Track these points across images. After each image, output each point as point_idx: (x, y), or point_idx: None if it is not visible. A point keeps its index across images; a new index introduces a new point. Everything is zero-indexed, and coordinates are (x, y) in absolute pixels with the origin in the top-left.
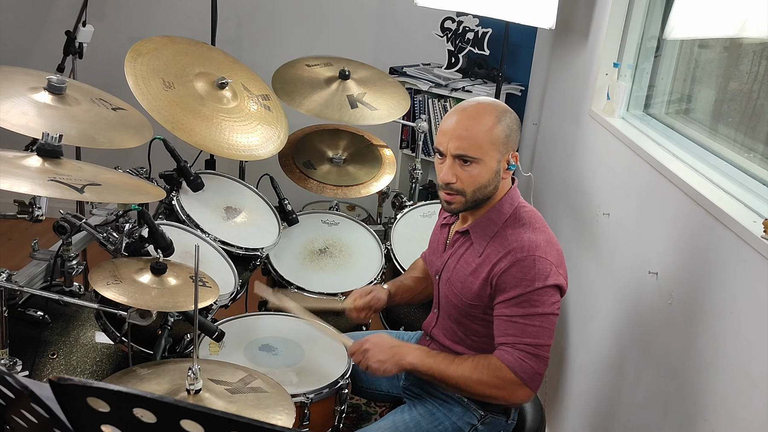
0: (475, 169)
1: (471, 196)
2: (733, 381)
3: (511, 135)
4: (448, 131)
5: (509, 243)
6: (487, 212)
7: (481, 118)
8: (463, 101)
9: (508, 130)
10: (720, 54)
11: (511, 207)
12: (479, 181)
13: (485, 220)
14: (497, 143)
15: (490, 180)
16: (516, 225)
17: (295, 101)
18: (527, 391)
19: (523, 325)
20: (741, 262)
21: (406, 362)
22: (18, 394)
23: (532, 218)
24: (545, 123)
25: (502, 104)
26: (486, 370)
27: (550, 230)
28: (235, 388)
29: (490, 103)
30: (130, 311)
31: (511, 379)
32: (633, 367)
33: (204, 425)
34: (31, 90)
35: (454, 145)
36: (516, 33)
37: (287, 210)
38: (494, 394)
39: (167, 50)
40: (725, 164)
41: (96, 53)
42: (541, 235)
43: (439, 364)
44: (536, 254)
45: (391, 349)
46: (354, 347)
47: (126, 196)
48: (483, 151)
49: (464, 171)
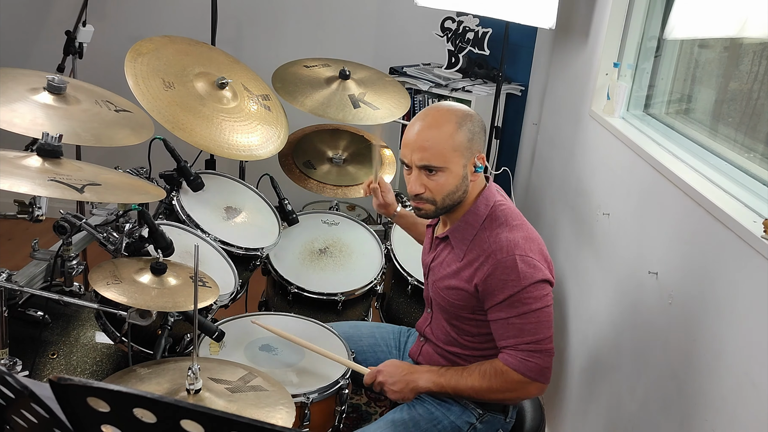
0: (442, 178)
1: (441, 203)
2: (733, 381)
3: (474, 139)
4: (410, 143)
5: (488, 246)
6: (464, 216)
7: (441, 126)
8: (424, 109)
9: (470, 134)
10: (720, 54)
11: (487, 207)
12: (447, 188)
13: (463, 224)
14: (460, 149)
15: (457, 186)
16: (493, 226)
17: (297, 100)
18: (539, 385)
19: (520, 325)
20: (741, 262)
21: (420, 387)
22: (18, 394)
23: (509, 216)
24: (545, 123)
25: (463, 108)
26: (494, 377)
27: (528, 225)
28: (235, 386)
29: (449, 109)
30: (130, 311)
31: (519, 380)
32: (633, 367)
33: (204, 425)
34: (31, 90)
35: (417, 157)
36: (516, 33)
37: (287, 210)
38: (508, 397)
39: (167, 50)
40: (725, 164)
41: (96, 53)
42: (518, 233)
43: (449, 380)
44: (516, 254)
45: (404, 378)
46: (368, 379)
47: (126, 196)
48: (446, 159)
49: (431, 180)
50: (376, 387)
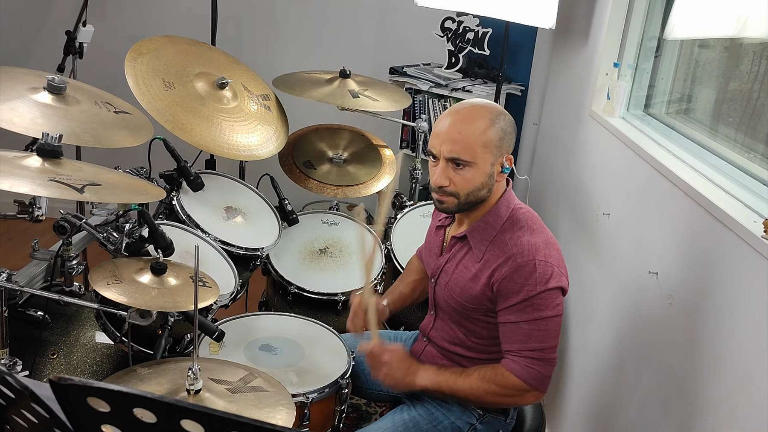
0: (468, 173)
1: (464, 198)
2: (733, 381)
3: (505, 138)
4: (441, 134)
5: (509, 248)
6: (484, 216)
7: (475, 121)
8: (458, 103)
9: (502, 132)
10: (720, 54)
11: (508, 210)
12: (472, 184)
13: (483, 224)
14: (491, 146)
15: (483, 183)
16: (514, 228)
17: (296, 92)
18: (536, 394)
19: (528, 330)
20: (741, 262)
21: (417, 384)
22: (18, 394)
23: (530, 220)
24: (545, 123)
25: (497, 106)
26: (494, 380)
27: (547, 230)
28: (235, 387)
29: (484, 106)
30: (130, 311)
31: (519, 387)
32: (633, 367)
33: (204, 425)
34: (31, 90)
35: (447, 149)
36: (516, 33)
37: (287, 210)
38: (505, 402)
39: (167, 50)
40: (725, 164)
41: (96, 53)
42: (539, 237)
43: (447, 380)
44: (536, 258)
45: (406, 370)
46: (374, 350)
47: (126, 196)
48: (476, 154)
49: (457, 174)
50: (375, 364)
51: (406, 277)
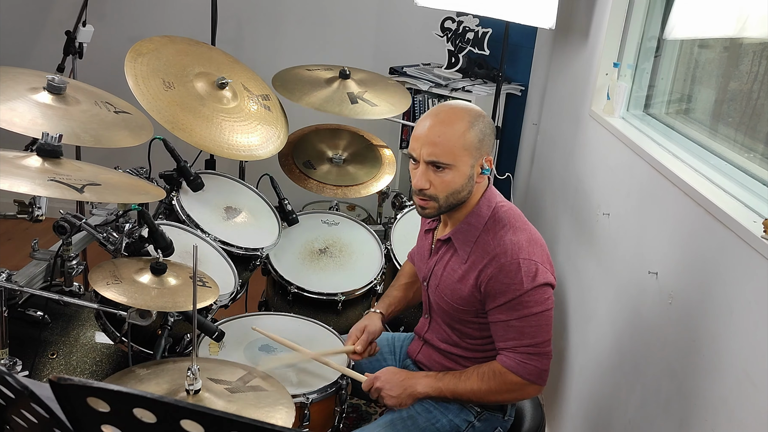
0: (448, 175)
1: (444, 201)
2: (733, 381)
3: (484, 140)
4: (420, 137)
5: (492, 248)
6: (466, 217)
7: (454, 124)
8: (436, 105)
9: (481, 135)
10: (720, 54)
11: (489, 209)
12: (452, 186)
13: (465, 225)
14: (470, 149)
15: (463, 185)
16: (497, 228)
17: (295, 96)
18: (536, 387)
19: (520, 328)
20: (741, 262)
21: (418, 393)
22: (18, 394)
23: (512, 218)
24: (545, 123)
25: (476, 109)
26: (492, 379)
27: (531, 226)
28: (234, 387)
29: (463, 108)
30: (130, 311)
31: (518, 382)
32: (633, 367)
33: (204, 425)
34: (31, 90)
35: (426, 152)
36: (516, 33)
37: (287, 210)
38: (506, 398)
39: (167, 50)
40: (725, 164)
41: (96, 53)
42: (522, 235)
43: (447, 384)
44: (520, 257)
45: (402, 383)
46: (366, 386)
47: (126, 196)
48: (456, 157)
49: (437, 177)
50: (373, 394)
51: (399, 281)
